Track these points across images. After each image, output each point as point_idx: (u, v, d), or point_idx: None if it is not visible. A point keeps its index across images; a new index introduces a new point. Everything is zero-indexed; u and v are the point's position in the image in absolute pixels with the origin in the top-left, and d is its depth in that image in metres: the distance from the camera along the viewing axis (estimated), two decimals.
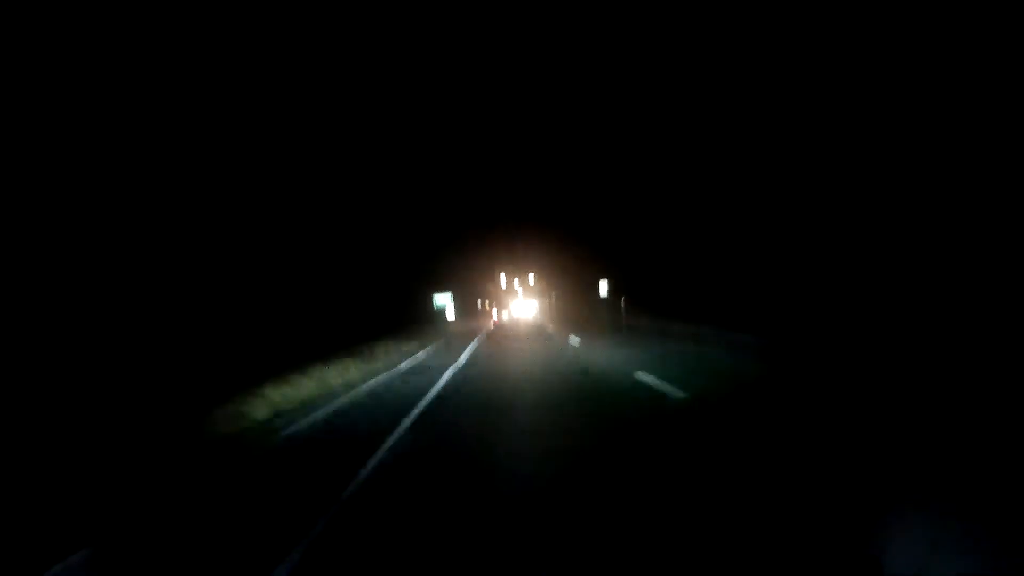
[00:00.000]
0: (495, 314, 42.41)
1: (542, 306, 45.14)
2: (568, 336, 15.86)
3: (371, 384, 9.27)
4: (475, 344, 16.65)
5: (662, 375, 6.99)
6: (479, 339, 19.02)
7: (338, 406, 7.58)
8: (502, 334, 21.42)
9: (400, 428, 5.58)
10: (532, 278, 60.12)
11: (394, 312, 32.17)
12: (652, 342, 12.16)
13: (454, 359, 12.36)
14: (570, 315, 37.86)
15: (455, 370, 10.22)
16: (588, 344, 13.09)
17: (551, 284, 54.28)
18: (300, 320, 19.92)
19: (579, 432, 4.82)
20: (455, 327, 34.39)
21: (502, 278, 61.66)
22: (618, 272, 35.40)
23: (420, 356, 14.13)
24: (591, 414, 5.62)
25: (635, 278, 32.88)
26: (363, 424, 6.31)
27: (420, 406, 6.68)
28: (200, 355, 12.10)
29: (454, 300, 37.07)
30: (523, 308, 40.69)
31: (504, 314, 41.60)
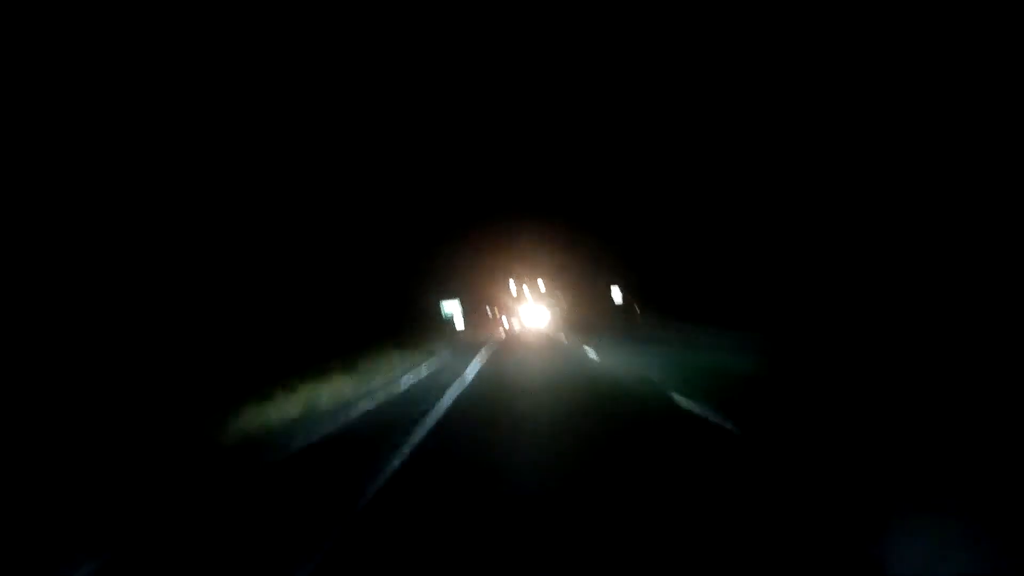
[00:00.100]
0: (505, 322, 41.36)
1: (553, 312, 44.01)
2: (583, 346, 14.63)
3: (362, 408, 8.18)
4: (483, 355, 15.54)
5: (703, 398, 5.83)
6: (487, 350, 17.88)
7: (323, 434, 6.56)
8: (512, 344, 20.20)
9: (388, 469, 4.55)
10: (542, 284, 59.16)
11: (400, 321, 31.28)
12: (677, 353, 10.95)
13: (459, 373, 11.25)
14: (582, 321, 36.78)
15: (460, 388, 9.12)
16: (607, 356, 11.83)
17: (562, 290, 53.18)
18: (298, 330, 19.00)
19: (616, 503, 3.34)
20: (464, 336, 33.41)
21: (511, 285, 60.75)
22: (631, 276, 34.26)
23: (423, 371, 13.07)
24: (625, 464, 4.21)
25: (649, 281, 31.73)
26: (348, 459, 5.29)
27: (414, 441, 5.58)
28: (173, 366, 11.26)
29: (463, 308, 36.14)
30: (533, 315, 39.52)
31: (514, 322, 40.52)
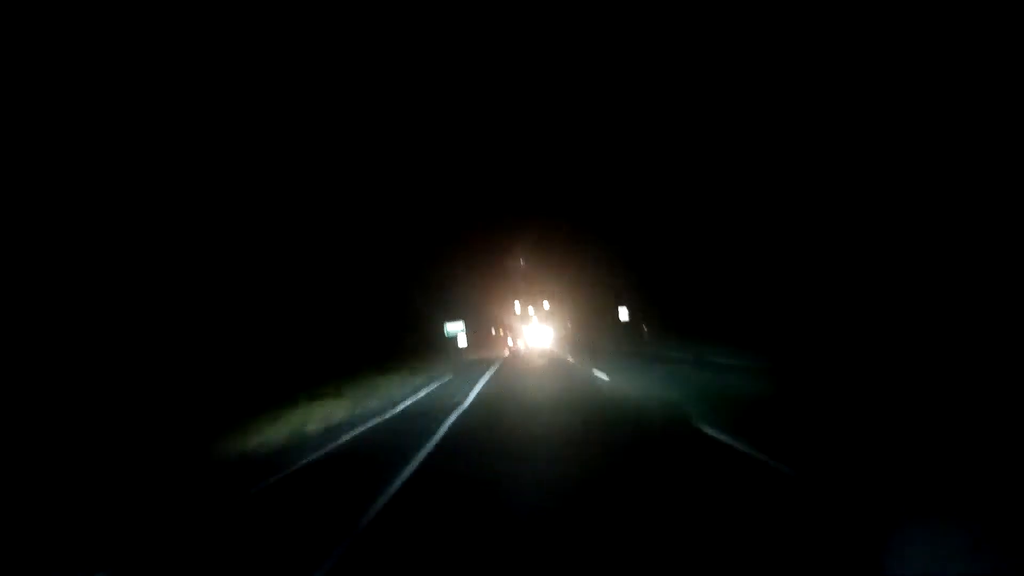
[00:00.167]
0: (510, 341, 40.67)
1: (558, 333, 43.23)
2: (592, 369, 13.79)
3: (352, 436, 7.45)
4: (487, 378, 14.77)
5: (734, 427, 5.11)
6: (492, 372, 17.10)
7: (302, 464, 5.86)
8: (517, 365, 19.41)
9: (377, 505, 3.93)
10: (547, 304, 58.44)
11: (405, 341, 30.62)
12: (693, 374, 10.20)
13: (462, 398, 10.48)
14: (587, 340, 36.03)
15: (460, 415, 8.37)
16: (619, 378, 11.06)
17: (567, 310, 52.43)
18: (296, 350, 18.35)
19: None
20: (468, 355, 32.69)
21: (516, 305, 60.09)
22: (638, 295, 33.54)
23: (422, 394, 12.32)
24: (660, 519, 3.34)
25: (656, 301, 31.00)
26: (336, 494, 4.61)
27: (405, 473, 4.87)
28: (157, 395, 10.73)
29: (467, 328, 35.45)
30: (538, 335, 38.76)
31: (519, 342, 39.82)
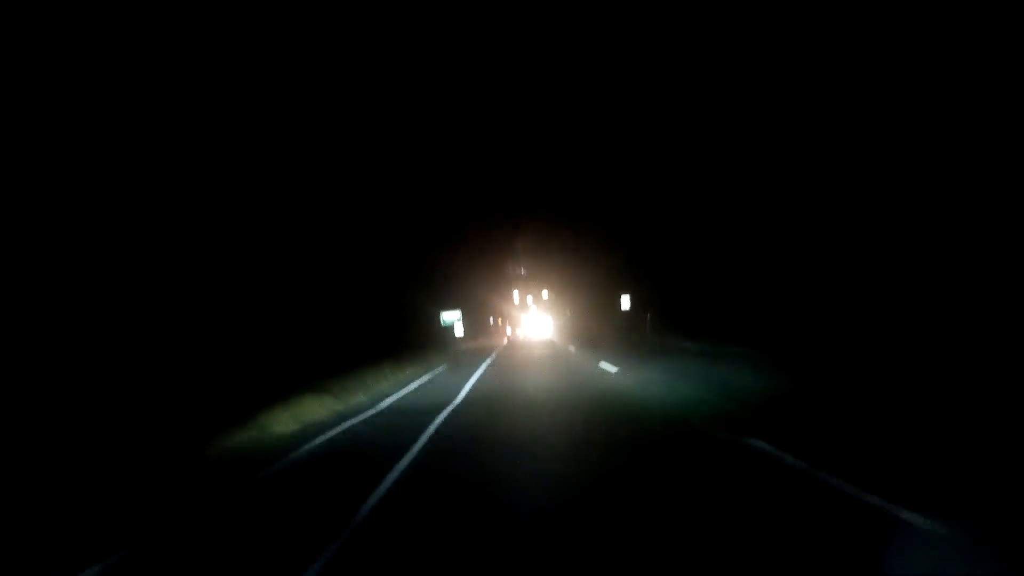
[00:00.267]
0: (509, 330, 39.96)
1: (557, 323, 42.42)
2: (598, 361, 12.78)
3: (321, 441, 6.52)
4: (484, 369, 13.88)
5: (786, 445, 4.19)
6: (489, 362, 16.21)
7: (271, 471, 4.95)
8: (516, 356, 18.49)
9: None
10: (546, 294, 57.55)
11: (400, 331, 29.75)
12: (709, 370, 9.31)
13: (456, 391, 9.58)
14: (588, 332, 35.26)
15: (450, 414, 7.49)
16: (629, 371, 10.06)
17: (566, 300, 51.56)
18: (279, 344, 17.48)
19: None
20: (465, 345, 31.91)
21: (515, 295, 59.22)
22: (642, 286, 32.62)
23: (414, 387, 11.40)
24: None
25: (662, 292, 30.12)
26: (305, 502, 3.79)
27: (372, 500, 3.95)
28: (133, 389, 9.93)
29: (465, 317, 34.62)
30: (537, 325, 37.98)
31: (518, 331, 39.07)
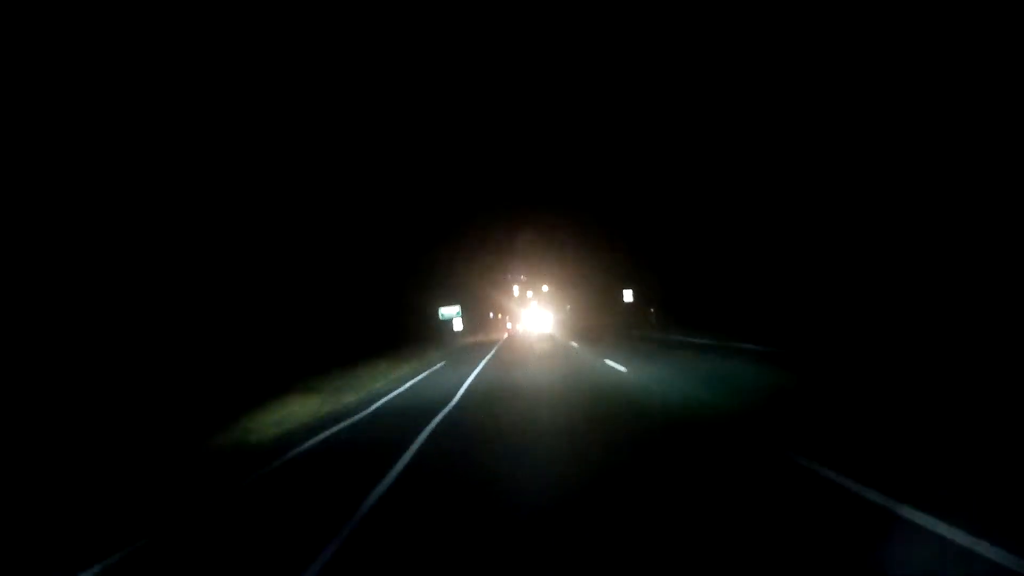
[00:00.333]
0: (509, 325, 39.39)
1: (557, 317, 41.77)
2: (603, 358, 11.79)
3: (300, 451, 5.81)
4: (482, 366, 13.23)
5: (848, 467, 3.48)
6: (488, 358, 15.56)
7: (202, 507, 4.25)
8: (516, 351, 17.83)
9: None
10: (546, 288, 56.89)
11: (398, 326, 29.10)
12: (728, 367, 8.64)
13: (453, 391, 8.87)
14: (589, 327, 34.61)
15: (447, 417, 6.81)
16: (639, 370, 9.26)
17: (566, 294, 50.90)
18: (275, 340, 16.87)
19: None
20: (465, 339, 31.30)
21: (515, 289, 58.56)
22: (646, 279, 31.95)
23: (408, 386, 10.68)
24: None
25: (662, 284, 29.45)
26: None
27: (366, 504, 3.34)
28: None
29: (464, 312, 33.99)
30: (537, 319, 37.33)
31: (518, 326, 38.45)
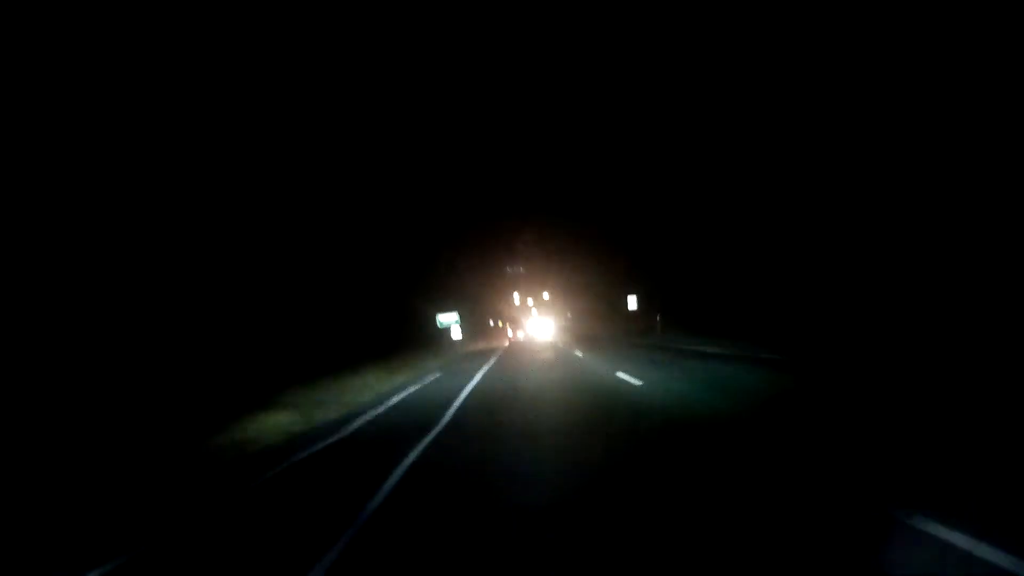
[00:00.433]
0: (509, 332, 38.47)
1: (558, 324, 40.83)
2: (613, 369, 10.48)
3: (268, 477, 4.92)
4: (480, 378, 12.25)
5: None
6: (487, 369, 14.56)
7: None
8: (518, 361, 16.83)
9: None
10: (546, 295, 55.93)
11: (393, 334, 28.19)
12: (753, 381, 7.67)
13: (447, 406, 7.87)
14: (591, 334, 33.64)
15: (435, 440, 5.83)
16: (657, 384, 8.05)
17: (567, 301, 49.91)
18: (264, 346, 15.97)
19: None
20: (464, 348, 30.28)
21: (515, 296, 57.63)
22: (650, 284, 30.96)
23: (396, 401, 9.65)
24: None
25: (669, 291, 28.49)
26: None
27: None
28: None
29: (464, 319, 33.03)
30: (538, 327, 36.42)
31: (519, 333, 37.50)
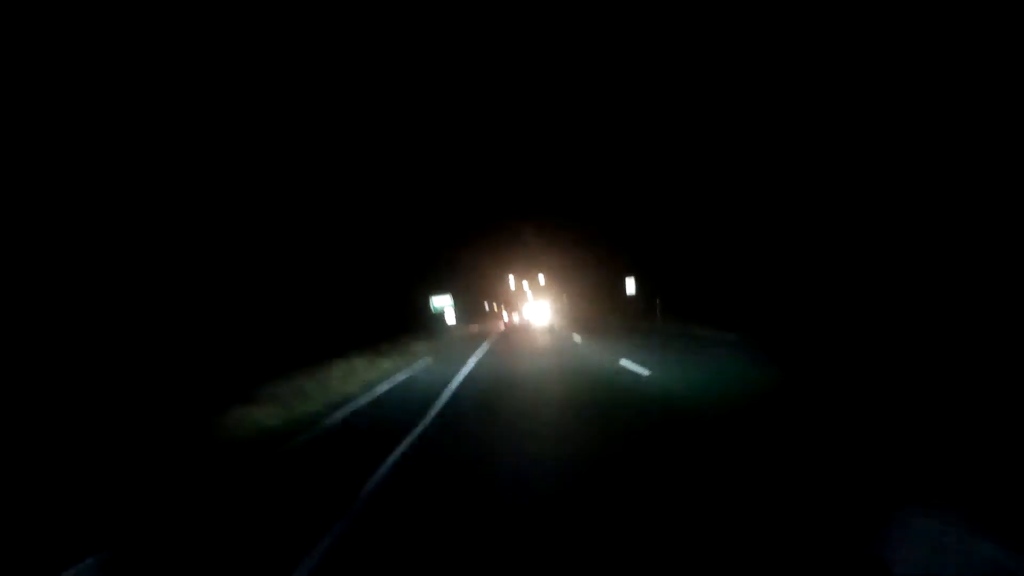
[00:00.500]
0: (505, 316, 37.84)
1: (554, 308, 40.19)
2: (616, 356, 9.61)
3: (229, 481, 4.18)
4: (474, 365, 11.55)
5: None
6: (482, 355, 13.85)
7: None
8: (514, 347, 16.11)
9: None
10: (542, 278, 55.17)
11: (384, 317, 27.43)
12: (765, 370, 7.01)
13: (437, 394, 7.24)
14: (588, 317, 33.05)
15: (422, 435, 5.16)
16: (665, 374, 7.47)
17: (564, 284, 49.21)
18: (227, 337, 15.11)
19: None
20: (457, 332, 29.63)
21: (511, 280, 56.92)
22: (646, 267, 30.28)
23: (384, 390, 8.98)
24: None
25: (669, 274, 27.82)
26: None
27: None
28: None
29: (458, 303, 32.34)
30: (534, 310, 35.78)
31: (515, 316, 36.88)
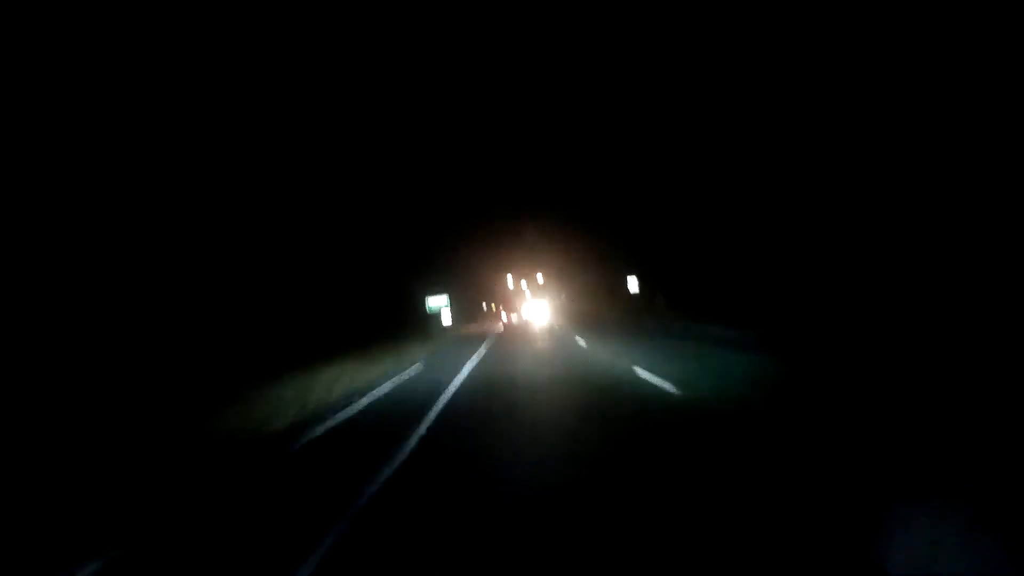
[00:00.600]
0: (503, 316, 36.94)
1: (554, 306, 39.24)
2: (629, 362, 8.27)
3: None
4: (469, 371, 10.48)
5: None
6: (478, 360, 12.75)
7: None
8: (513, 350, 14.99)
9: None
10: (541, 277, 54.23)
11: (377, 317, 26.48)
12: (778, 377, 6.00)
13: (428, 407, 6.24)
14: (589, 314, 32.08)
15: (407, 462, 4.13)
16: (688, 387, 6.27)
17: (563, 283, 48.27)
18: (232, 339, 14.19)
19: None
20: (454, 332, 28.63)
21: (509, 279, 55.97)
22: (645, 262, 29.36)
23: (365, 404, 7.92)
24: None
25: (671, 270, 26.91)
26: None
27: None
28: None
29: (455, 303, 31.36)
30: (534, 310, 34.81)
31: (513, 316, 35.93)
